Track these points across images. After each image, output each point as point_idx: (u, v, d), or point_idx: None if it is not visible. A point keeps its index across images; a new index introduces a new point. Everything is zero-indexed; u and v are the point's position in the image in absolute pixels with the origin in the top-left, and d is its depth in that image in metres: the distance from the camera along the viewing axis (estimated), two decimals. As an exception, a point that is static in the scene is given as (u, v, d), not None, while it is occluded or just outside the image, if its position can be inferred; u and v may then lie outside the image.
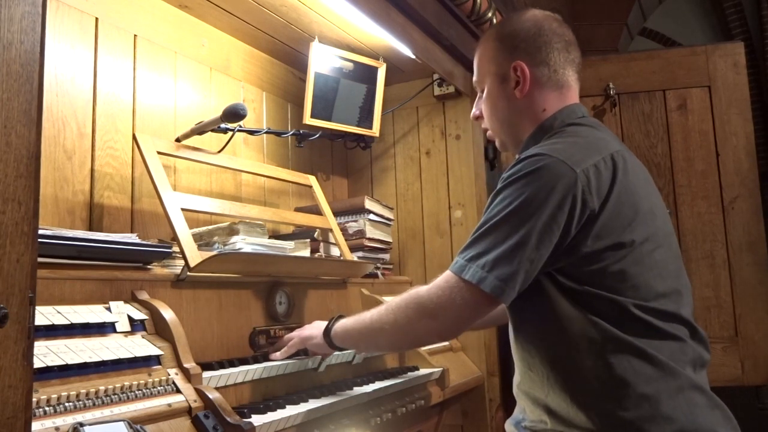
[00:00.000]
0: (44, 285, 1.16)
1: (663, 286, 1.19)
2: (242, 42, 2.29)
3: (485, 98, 1.42)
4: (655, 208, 1.26)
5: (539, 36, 1.34)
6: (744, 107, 2.66)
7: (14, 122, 0.72)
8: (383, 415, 1.65)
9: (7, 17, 0.71)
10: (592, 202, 1.14)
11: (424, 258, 2.63)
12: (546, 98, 1.34)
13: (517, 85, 1.34)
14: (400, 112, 2.73)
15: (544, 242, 1.13)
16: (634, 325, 1.14)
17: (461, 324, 1.21)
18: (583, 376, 1.15)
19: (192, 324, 1.46)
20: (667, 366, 1.12)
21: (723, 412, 1.15)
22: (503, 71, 1.36)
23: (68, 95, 1.66)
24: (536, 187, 1.14)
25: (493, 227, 1.16)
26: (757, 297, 2.55)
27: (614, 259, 1.15)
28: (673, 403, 1.10)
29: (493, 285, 1.12)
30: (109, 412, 1.05)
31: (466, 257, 1.17)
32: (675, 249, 1.28)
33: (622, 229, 1.16)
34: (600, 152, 1.21)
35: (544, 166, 1.15)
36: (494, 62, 1.38)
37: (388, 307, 1.31)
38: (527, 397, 1.27)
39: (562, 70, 1.34)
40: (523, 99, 1.34)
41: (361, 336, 1.41)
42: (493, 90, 1.39)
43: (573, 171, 1.14)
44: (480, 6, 2.29)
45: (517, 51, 1.34)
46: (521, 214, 1.14)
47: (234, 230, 1.79)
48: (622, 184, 1.18)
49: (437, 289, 1.21)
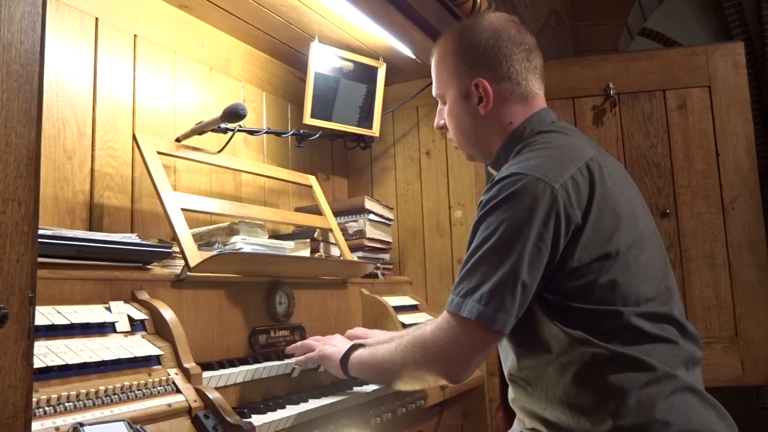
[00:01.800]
0: (44, 285, 1.16)
1: (652, 290, 1.18)
2: (242, 42, 2.29)
3: (448, 113, 1.39)
4: (637, 210, 1.25)
5: (498, 48, 1.30)
6: (744, 107, 2.65)
7: (14, 122, 0.72)
8: (383, 415, 1.65)
9: (7, 17, 0.71)
10: (575, 215, 1.13)
11: (424, 258, 2.63)
12: (511, 111, 1.32)
13: (480, 101, 1.31)
14: (400, 112, 2.73)
15: (535, 264, 1.12)
16: (626, 334, 1.13)
17: (469, 363, 1.19)
18: (578, 391, 1.14)
19: (192, 324, 1.46)
20: (661, 370, 1.11)
21: (717, 411, 1.15)
22: (464, 87, 1.33)
23: (68, 95, 1.66)
24: (518, 210, 1.12)
25: (482, 258, 1.15)
26: (757, 297, 2.55)
27: (602, 271, 1.14)
28: (667, 407, 1.10)
29: (493, 317, 1.11)
30: (109, 412, 1.05)
31: (460, 293, 1.16)
32: (660, 248, 1.27)
33: (606, 240, 1.15)
34: (574, 162, 1.19)
35: (522, 187, 1.13)
36: (454, 77, 1.34)
37: (398, 347, 1.30)
38: (523, 411, 1.27)
39: (525, 82, 1.32)
40: (488, 115, 1.32)
41: (374, 373, 1.42)
42: (455, 105, 1.36)
43: (551, 187, 1.13)
44: (480, 6, 2.29)
45: (477, 67, 1.31)
46: (508, 240, 1.12)
47: (234, 230, 1.79)
48: (600, 193, 1.17)
49: (440, 331, 1.19)
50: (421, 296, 2.55)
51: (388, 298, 2.20)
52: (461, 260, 2.72)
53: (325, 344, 1.56)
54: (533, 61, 1.33)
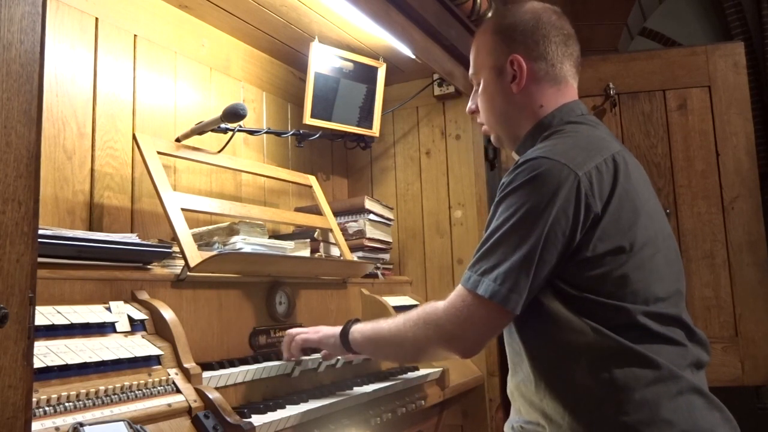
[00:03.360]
0: (44, 285, 1.16)
1: (663, 290, 1.18)
2: (242, 42, 2.29)
3: (481, 92, 1.39)
4: (654, 211, 1.25)
5: (537, 29, 1.31)
6: (744, 107, 2.65)
7: (14, 122, 0.72)
8: (383, 415, 1.65)
9: (7, 17, 0.71)
10: (595, 205, 1.13)
11: (424, 258, 2.63)
12: (543, 93, 1.31)
13: (514, 79, 1.31)
14: (400, 112, 2.73)
15: (550, 249, 1.12)
16: (633, 331, 1.13)
17: (482, 341, 1.20)
18: (582, 383, 1.14)
19: (192, 324, 1.46)
20: (667, 369, 1.11)
21: (722, 413, 1.14)
22: (500, 64, 1.33)
23: (68, 95, 1.66)
24: (539, 194, 1.12)
25: (501, 238, 1.14)
26: (757, 297, 2.55)
27: (616, 265, 1.14)
28: (672, 407, 1.09)
29: (506, 297, 1.12)
30: (109, 412, 1.05)
31: (478, 271, 1.16)
32: (675, 251, 1.27)
33: (623, 233, 1.15)
34: (601, 153, 1.19)
35: (545, 170, 1.13)
36: (491, 55, 1.35)
37: (406, 322, 1.29)
38: (523, 398, 1.26)
39: (560, 65, 1.32)
40: (520, 93, 1.31)
41: (379, 345, 1.41)
42: (490, 83, 1.36)
43: (575, 174, 1.12)
44: (480, 6, 2.28)
45: (514, 44, 1.31)
46: (528, 223, 1.12)
47: (234, 230, 1.79)
48: (623, 187, 1.17)
49: (454, 308, 1.19)
50: (421, 296, 2.55)
51: (388, 298, 2.20)
52: (461, 260, 2.73)
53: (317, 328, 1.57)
54: (570, 47, 1.34)
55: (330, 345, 1.51)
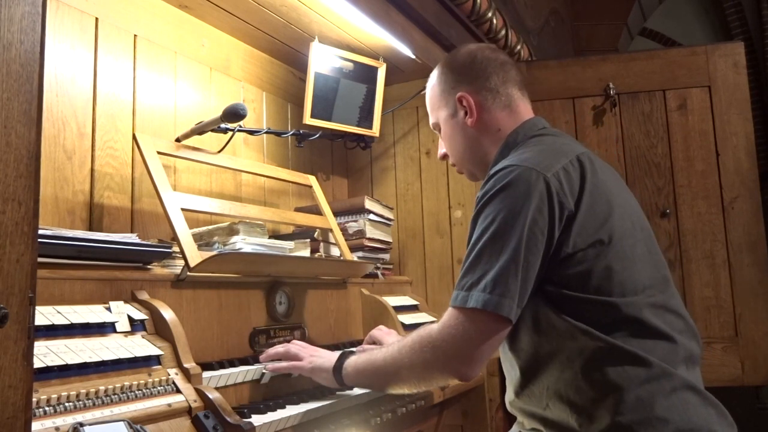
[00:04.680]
0: (44, 285, 1.16)
1: (649, 277, 1.20)
2: (242, 42, 2.29)
3: (444, 137, 1.49)
4: (628, 204, 1.29)
5: (473, 64, 1.42)
6: (744, 107, 2.65)
7: (14, 122, 0.72)
8: (383, 415, 1.65)
9: (7, 17, 0.71)
10: (568, 203, 1.17)
11: (424, 258, 2.63)
12: (497, 119, 1.40)
13: (467, 114, 1.41)
14: (400, 112, 2.73)
15: (532, 250, 1.14)
16: (624, 328, 1.14)
17: (480, 357, 1.17)
18: (579, 386, 1.14)
19: (192, 324, 1.46)
20: (660, 367, 1.12)
21: (717, 409, 1.15)
22: (451, 105, 1.44)
23: (68, 95, 1.66)
24: (513, 199, 1.16)
25: (483, 249, 1.17)
26: (757, 297, 2.55)
27: (597, 258, 1.16)
28: (667, 404, 1.10)
29: (499, 304, 1.12)
30: (109, 412, 1.05)
31: (464, 287, 1.17)
32: (655, 245, 1.30)
33: (599, 226, 1.18)
34: (566, 155, 1.25)
35: (515, 176, 1.18)
36: (441, 101, 1.47)
37: (401, 349, 1.27)
38: (522, 412, 1.28)
39: (504, 89, 1.41)
40: (476, 126, 1.41)
41: (375, 378, 1.36)
42: (448, 126, 1.46)
43: (543, 176, 1.17)
44: (480, 6, 2.29)
45: (458, 84, 1.43)
46: (506, 229, 1.15)
47: (234, 230, 1.79)
48: (592, 182, 1.21)
49: (448, 328, 1.18)
50: (421, 296, 2.55)
51: (388, 298, 2.20)
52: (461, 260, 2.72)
53: (311, 355, 1.49)
54: (509, 72, 1.43)
55: (322, 378, 1.45)
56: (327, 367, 1.43)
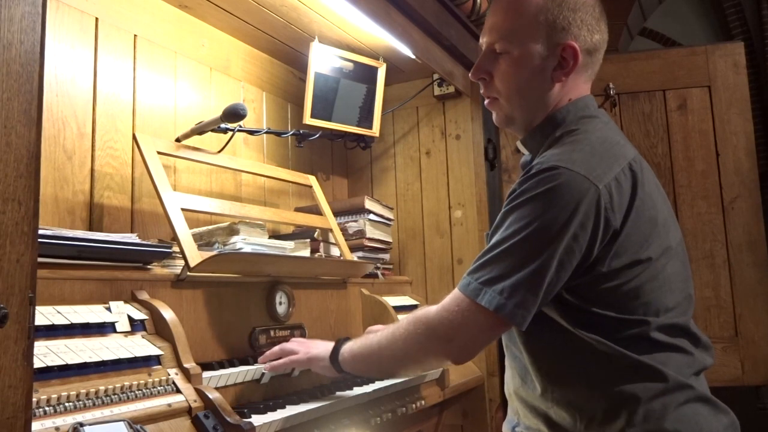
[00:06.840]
0: (44, 285, 1.16)
1: (673, 300, 1.14)
2: (242, 42, 2.29)
3: (511, 64, 1.20)
4: (668, 217, 1.19)
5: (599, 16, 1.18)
6: (744, 107, 2.65)
7: (14, 122, 0.72)
8: (383, 415, 1.65)
9: (7, 17, 0.71)
10: (615, 220, 1.06)
11: (424, 258, 2.63)
12: (578, 86, 1.21)
13: (560, 66, 1.17)
14: (400, 112, 2.73)
15: (565, 266, 1.05)
16: (640, 343, 1.10)
17: (476, 349, 1.14)
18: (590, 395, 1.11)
19: (192, 324, 1.46)
20: (674, 380, 1.08)
21: (728, 416, 1.13)
22: (549, 44, 1.17)
23: (68, 95, 1.66)
24: (557, 207, 1.04)
25: (510, 249, 1.07)
26: (757, 297, 2.55)
27: (629, 277, 1.08)
28: (677, 416, 1.07)
29: (512, 313, 1.05)
30: (109, 412, 1.05)
31: (479, 279, 1.08)
32: (684, 257, 1.22)
33: (639, 246, 1.09)
34: (619, 162, 1.11)
35: (564, 182, 1.04)
36: (536, 33, 1.17)
37: (395, 332, 1.23)
38: (523, 403, 1.24)
39: (599, 59, 1.21)
40: (558, 83, 1.19)
41: (370, 362, 1.33)
42: (528, 60, 1.18)
43: (595, 187, 1.05)
44: (480, 6, 2.29)
45: (571, 28, 1.16)
46: (542, 237, 1.04)
47: (234, 230, 1.79)
48: (640, 198, 1.11)
49: (448, 313, 1.12)
50: (421, 296, 2.55)
51: (388, 298, 2.20)
52: (461, 260, 2.72)
53: (308, 347, 1.47)
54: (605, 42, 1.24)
55: (320, 368, 1.43)
56: (324, 356, 1.40)
